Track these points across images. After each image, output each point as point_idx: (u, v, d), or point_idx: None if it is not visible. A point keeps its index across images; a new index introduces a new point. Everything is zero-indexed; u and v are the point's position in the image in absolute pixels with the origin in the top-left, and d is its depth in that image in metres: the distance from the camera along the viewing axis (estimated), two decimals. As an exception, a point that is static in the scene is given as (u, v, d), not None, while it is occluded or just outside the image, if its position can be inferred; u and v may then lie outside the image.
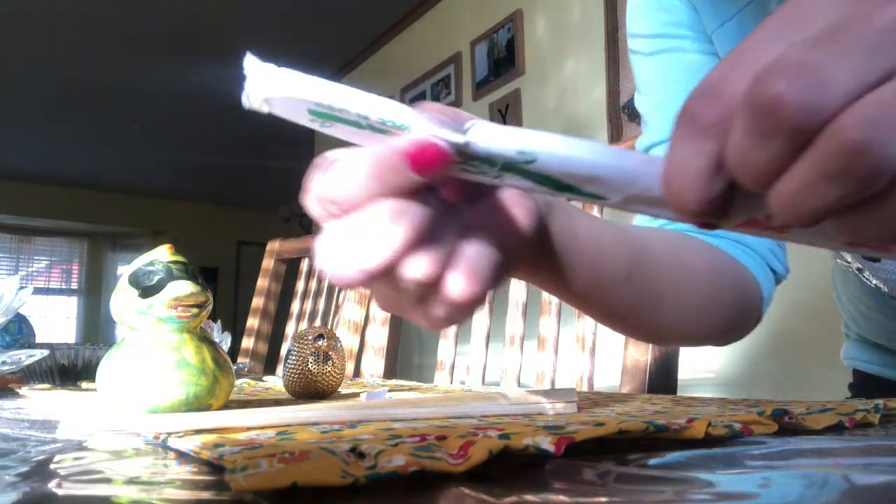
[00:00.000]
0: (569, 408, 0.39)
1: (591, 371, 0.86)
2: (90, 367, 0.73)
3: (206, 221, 6.99)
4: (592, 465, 0.24)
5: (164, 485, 0.23)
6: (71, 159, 5.66)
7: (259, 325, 1.40)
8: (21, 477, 0.24)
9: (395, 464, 0.21)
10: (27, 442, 0.32)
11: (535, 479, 0.23)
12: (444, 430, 0.28)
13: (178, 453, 0.28)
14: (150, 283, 0.41)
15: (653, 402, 0.47)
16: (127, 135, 5.14)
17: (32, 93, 4.45)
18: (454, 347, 1.04)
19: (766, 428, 0.31)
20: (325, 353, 0.54)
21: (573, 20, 2.36)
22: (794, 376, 1.67)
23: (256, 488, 0.19)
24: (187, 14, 3.54)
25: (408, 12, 3.25)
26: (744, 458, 0.26)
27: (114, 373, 0.40)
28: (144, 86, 4.38)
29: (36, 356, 0.62)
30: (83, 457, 0.27)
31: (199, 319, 0.42)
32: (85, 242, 7.02)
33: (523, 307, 0.97)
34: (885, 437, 0.31)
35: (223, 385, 0.42)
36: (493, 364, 1.01)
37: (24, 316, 0.74)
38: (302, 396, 0.54)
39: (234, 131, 5.02)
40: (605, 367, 0.91)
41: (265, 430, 0.32)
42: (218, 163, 5.72)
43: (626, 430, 0.28)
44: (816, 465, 0.25)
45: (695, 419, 0.29)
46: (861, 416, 0.34)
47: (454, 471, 0.22)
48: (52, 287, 6.95)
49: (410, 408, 0.37)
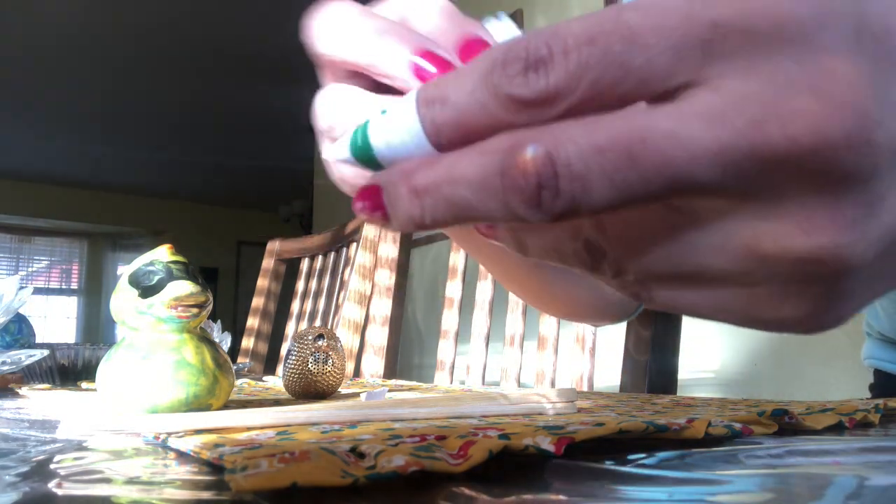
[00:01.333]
0: (569, 408, 0.39)
1: (591, 371, 0.86)
2: (90, 367, 0.73)
3: (206, 221, 6.99)
4: (592, 465, 0.24)
5: (164, 485, 0.23)
6: (71, 159, 5.66)
7: (259, 325, 1.40)
8: (21, 477, 0.24)
9: (395, 464, 0.21)
10: (27, 442, 0.32)
11: (535, 479, 0.23)
12: (444, 430, 0.28)
13: (178, 453, 0.28)
14: (150, 283, 0.41)
15: (653, 402, 0.47)
16: (128, 135, 5.14)
17: (32, 93, 4.45)
18: (454, 347, 1.04)
19: (766, 428, 0.31)
20: (325, 353, 0.54)
21: (573, 20, 2.36)
22: (794, 376, 1.67)
23: (256, 488, 0.19)
24: (186, 14, 3.54)
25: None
26: (744, 458, 0.26)
27: (114, 373, 0.40)
28: (145, 85, 4.38)
29: (36, 356, 0.62)
30: (83, 457, 0.27)
31: (199, 319, 0.42)
32: (85, 242, 7.02)
33: (523, 307, 0.97)
34: (885, 438, 0.31)
35: (223, 385, 0.42)
36: (493, 364, 1.01)
37: (24, 316, 0.74)
38: (302, 396, 0.54)
39: (234, 131, 5.03)
40: (605, 367, 0.91)
41: (265, 430, 0.32)
42: (218, 163, 5.72)
43: (626, 430, 0.28)
44: (817, 464, 0.25)
45: (695, 419, 0.29)
46: (861, 416, 0.34)
47: (454, 471, 0.22)
48: (52, 287, 6.95)
49: (410, 408, 0.37)
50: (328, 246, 1.38)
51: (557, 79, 0.16)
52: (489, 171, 0.16)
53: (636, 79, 0.16)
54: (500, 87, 0.16)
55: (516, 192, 0.16)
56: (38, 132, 5.09)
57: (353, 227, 1.28)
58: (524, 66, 0.16)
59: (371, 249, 1.17)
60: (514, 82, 0.16)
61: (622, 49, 0.16)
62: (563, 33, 0.16)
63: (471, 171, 0.17)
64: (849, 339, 1.50)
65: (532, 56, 0.16)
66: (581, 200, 0.16)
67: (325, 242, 1.39)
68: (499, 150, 0.16)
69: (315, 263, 1.41)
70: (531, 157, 0.16)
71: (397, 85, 0.22)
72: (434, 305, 2.87)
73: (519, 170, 0.16)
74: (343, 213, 3.66)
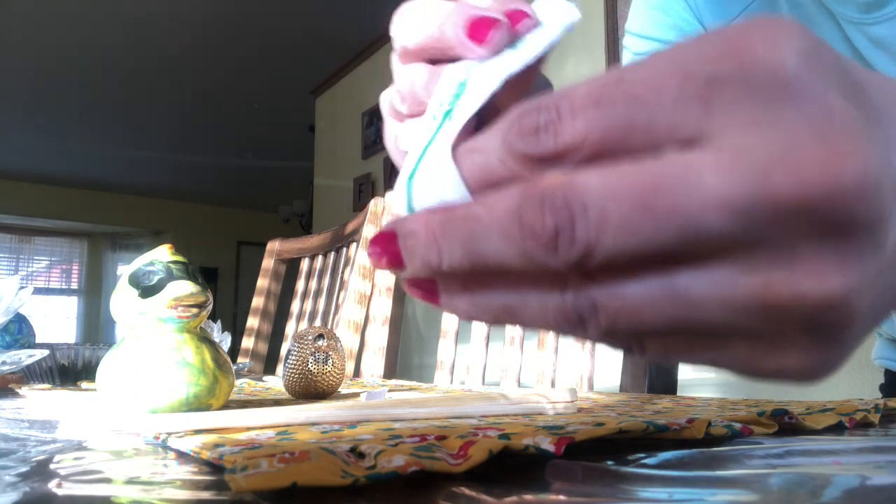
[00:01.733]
0: (569, 408, 0.39)
1: (591, 371, 0.86)
2: (90, 367, 0.73)
3: (206, 221, 6.99)
4: (592, 465, 0.24)
5: (164, 485, 0.23)
6: (71, 159, 5.66)
7: (259, 325, 1.40)
8: (21, 477, 0.24)
9: (395, 464, 0.21)
10: (27, 442, 0.32)
11: (535, 479, 0.23)
12: (444, 430, 0.28)
13: (178, 453, 0.28)
14: (150, 283, 0.41)
15: (653, 402, 0.47)
16: (128, 135, 5.14)
17: (33, 93, 4.45)
18: (454, 347, 1.04)
19: (766, 428, 0.31)
20: (325, 353, 0.54)
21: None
22: (794, 376, 1.66)
23: (256, 488, 0.19)
24: (187, 14, 3.54)
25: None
26: (744, 458, 0.26)
27: (114, 373, 0.40)
28: (145, 86, 4.38)
29: (36, 356, 0.62)
30: (83, 457, 0.27)
31: (199, 319, 0.42)
32: (85, 242, 7.02)
33: (523, 307, 0.97)
34: (885, 438, 0.31)
35: (223, 385, 0.42)
36: (493, 364, 1.01)
37: (24, 316, 0.74)
38: (302, 396, 0.54)
39: (234, 131, 5.03)
40: (605, 367, 0.91)
41: (265, 430, 0.32)
42: (218, 163, 5.73)
43: (626, 430, 0.28)
44: (817, 464, 0.25)
45: (695, 419, 0.29)
46: (861, 416, 0.34)
47: (454, 471, 0.22)
48: (52, 287, 6.95)
49: (410, 408, 0.37)
50: (328, 246, 1.38)
51: (565, 138, 0.17)
52: (507, 215, 0.17)
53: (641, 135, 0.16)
54: (514, 145, 0.18)
55: (533, 237, 0.16)
56: (39, 132, 5.09)
57: (353, 227, 1.28)
58: (535, 126, 0.17)
59: (371, 249, 1.17)
60: (526, 141, 0.17)
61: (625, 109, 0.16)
62: (571, 96, 0.17)
63: (489, 215, 0.17)
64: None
65: (543, 118, 0.17)
66: (596, 246, 0.16)
67: (325, 242, 1.39)
68: (517, 196, 0.17)
69: (315, 263, 1.41)
70: (549, 203, 0.16)
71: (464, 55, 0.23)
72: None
73: (537, 215, 0.16)
74: (343, 213, 3.65)
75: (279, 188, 6.13)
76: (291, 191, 5.78)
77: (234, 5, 3.48)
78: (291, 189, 5.76)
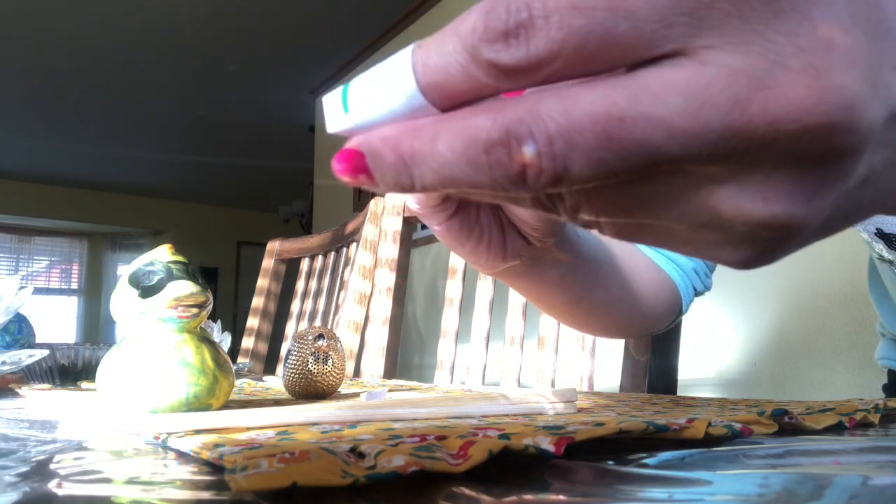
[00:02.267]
0: (569, 408, 0.39)
1: (591, 371, 0.86)
2: (90, 367, 0.73)
3: (206, 221, 6.99)
4: (592, 465, 0.24)
5: (164, 485, 0.23)
6: (71, 159, 5.66)
7: (259, 325, 1.40)
8: (21, 477, 0.24)
9: (395, 464, 0.21)
10: (27, 442, 0.32)
11: (535, 479, 0.23)
12: (444, 430, 0.28)
13: (178, 453, 0.28)
14: (150, 283, 0.41)
15: (653, 402, 0.47)
16: (128, 135, 5.14)
17: (32, 93, 4.45)
18: (454, 347, 1.04)
19: (766, 428, 0.31)
20: (325, 353, 0.54)
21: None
22: (794, 376, 1.67)
23: (256, 488, 0.19)
24: (186, 14, 3.54)
25: (408, 12, 3.25)
26: (744, 458, 0.26)
27: (114, 373, 0.40)
28: (145, 86, 4.38)
29: (36, 356, 0.62)
30: (83, 457, 0.27)
31: (199, 319, 0.42)
32: (85, 242, 7.02)
33: (523, 307, 0.97)
34: (885, 438, 0.31)
35: (223, 385, 0.42)
36: (493, 364, 1.01)
37: (24, 316, 0.74)
38: (302, 396, 0.54)
39: (234, 132, 5.03)
40: (605, 367, 0.91)
41: (265, 430, 0.32)
42: (218, 163, 5.73)
43: (626, 430, 0.28)
44: (817, 464, 0.25)
45: (695, 419, 0.29)
46: (861, 416, 0.34)
47: (454, 471, 0.22)
48: (52, 287, 6.95)
49: (410, 408, 0.37)
50: (328, 246, 1.38)
51: (538, 46, 0.15)
52: (474, 148, 0.16)
53: (620, 46, 0.15)
54: (479, 51, 0.16)
55: (501, 170, 0.16)
56: (39, 132, 5.09)
57: (353, 227, 1.28)
58: (504, 29, 0.16)
59: (371, 249, 1.17)
60: (494, 48, 0.16)
61: (606, 15, 0.15)
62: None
63: (456, 145, 0.17)
64: (849, 341, 1.50)
65: (513, 19, 0.15)
66: (563, 176, 0.16)
67: (325, 242, 1.39)
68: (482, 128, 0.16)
69: (315, 263, 1.41)
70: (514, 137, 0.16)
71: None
72: (434, 305, 2.87)
73: (503, 149, 0.16)
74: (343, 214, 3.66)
75: (279, 188, 6.13)
76: (291, 191, 5.78)
77: (235, 5, 3.48)
78: (291, 189, 5.76)
